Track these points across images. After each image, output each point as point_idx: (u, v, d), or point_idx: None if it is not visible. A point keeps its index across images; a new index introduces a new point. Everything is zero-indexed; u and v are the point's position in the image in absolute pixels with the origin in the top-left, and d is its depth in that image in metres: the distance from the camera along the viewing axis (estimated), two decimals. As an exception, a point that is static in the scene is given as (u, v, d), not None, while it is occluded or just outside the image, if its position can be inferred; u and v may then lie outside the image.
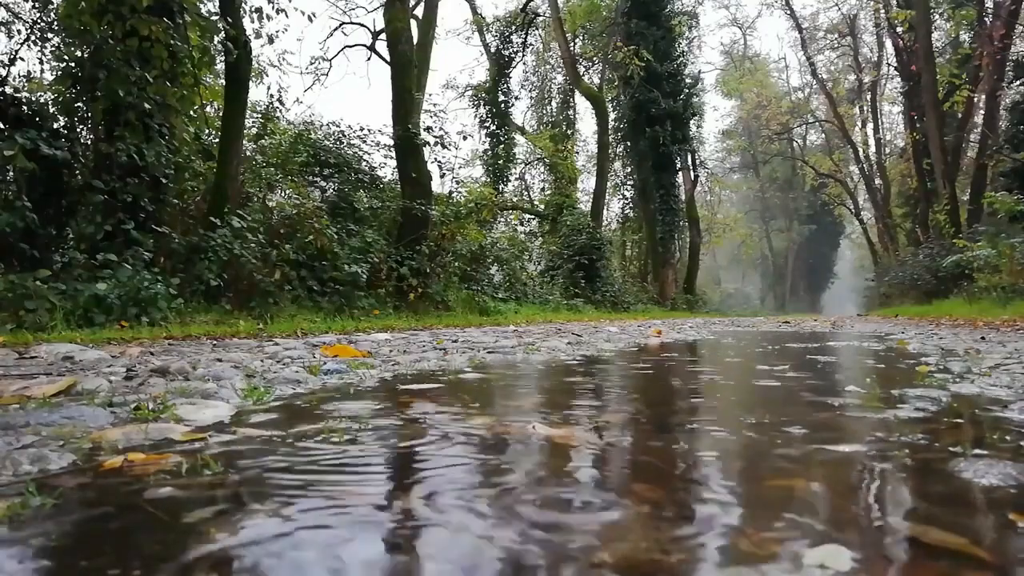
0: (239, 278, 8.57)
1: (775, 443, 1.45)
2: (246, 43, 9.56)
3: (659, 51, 26.13)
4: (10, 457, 1.20)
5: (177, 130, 8.60)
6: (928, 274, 20.41)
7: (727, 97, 45.77)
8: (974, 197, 21.12)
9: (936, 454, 1.33)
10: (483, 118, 27.41)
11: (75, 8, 7.55)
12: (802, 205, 53.25)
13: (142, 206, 7.74)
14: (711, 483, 1.14)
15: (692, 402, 2.25)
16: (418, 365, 3.34)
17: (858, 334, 7.60)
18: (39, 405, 1.79)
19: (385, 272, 11.19)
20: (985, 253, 14.47)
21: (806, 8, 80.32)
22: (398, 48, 13.01)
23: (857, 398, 2.15)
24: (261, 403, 2.03)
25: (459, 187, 18.46)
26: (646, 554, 0.80)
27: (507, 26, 28.14)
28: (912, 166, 27.96)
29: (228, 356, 3.62)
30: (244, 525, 0.90)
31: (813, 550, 0.80)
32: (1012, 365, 3.11)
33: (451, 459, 1.31)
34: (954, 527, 0.89)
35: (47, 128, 7.52)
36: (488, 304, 13.90)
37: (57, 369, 2.87)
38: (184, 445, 1.41)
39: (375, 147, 15.04)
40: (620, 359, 4.10)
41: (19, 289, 5.76)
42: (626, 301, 22.61)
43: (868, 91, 36.15)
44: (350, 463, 1.27)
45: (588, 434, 1.56)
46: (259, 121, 14.30)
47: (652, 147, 26.51)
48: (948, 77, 22.50)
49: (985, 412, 1.86)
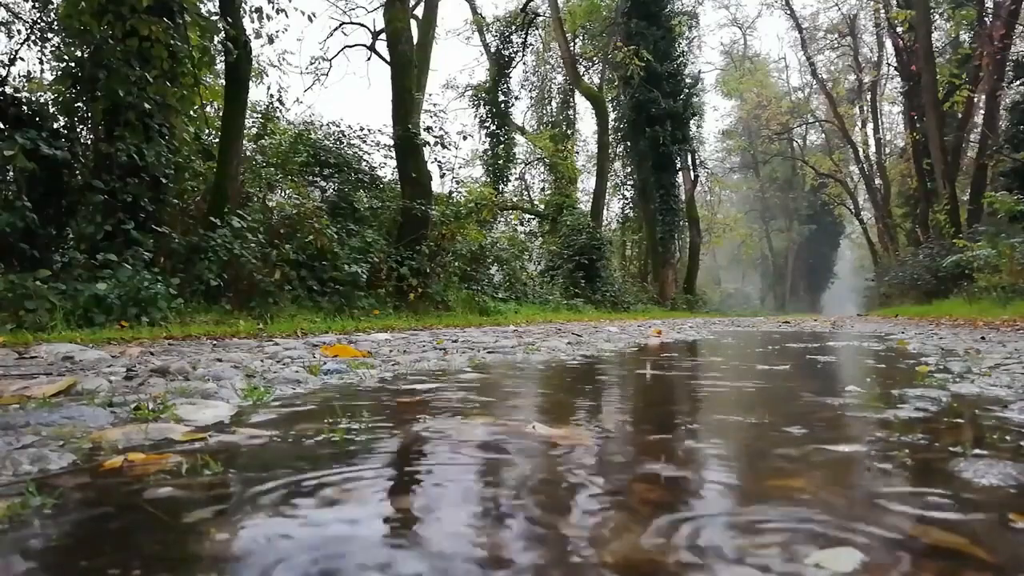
0: (239, 278, 8.57)
1: (775, 443, 1.45)
2: (246, 43, 9.56)
3: (659, 51, 26.13)
4: (10, 457, 1.20)
5: (177, 130, 8.60)
6: (928, 274, 20.41)
7: (727, 97, 45.80)
8: (974, 197, 21.12)
9: (936, 454, 1.33)
10: (483, 118, 27.40)
11: (75, 8, 7.55)
12: (802, 205, 53.22)
13: (142, 206, 7.74)
14: (711, 483, 1.14)
15: (692, 402, 2.25)
16: (418, 365, 3.34)
17: (858, 334, 7.59)
18: (39, 405, 1.79)
19: (385, 272, 11.19)
20: (985, 253, 14.47)
21: (806, 8, 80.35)
22: (398, 48, 13.01)
23: (857, 398, 2.15)
24: (261, 403, 2.03)
25: (459, 187, 18.47)
26: (646, 554, 0.80)
27: (507, 26, 28.13)
28: (912, 166, 27.96)
29: (228, 356, 3.62)
30: (244, 525, 0.90)
31: (813, 550, 0.80)
32: (1012, 365, 3.11)
33: (451, 459, 1.31)
34: (954, 527, 0.89)
35: (47, 128, 7.51)
36: (488, 304, 13.90)
37: (57, 369, 2.87)
38: (184, 445, 1.41)
39: (375, 147, 15.06)
40: (620, 359, 4.10)
41: (19, 289, 5.76)
42: (626, 301, 22.60)
43: (868, 91, 36.15)
44: (350, 463, 1.27)
45: (588, 434, 1.56)
46: (259, 121, 14.29)
47: (652, 147, 26.51)
48: (948, 77, 22.50)
49: (985, 412, 1.86)
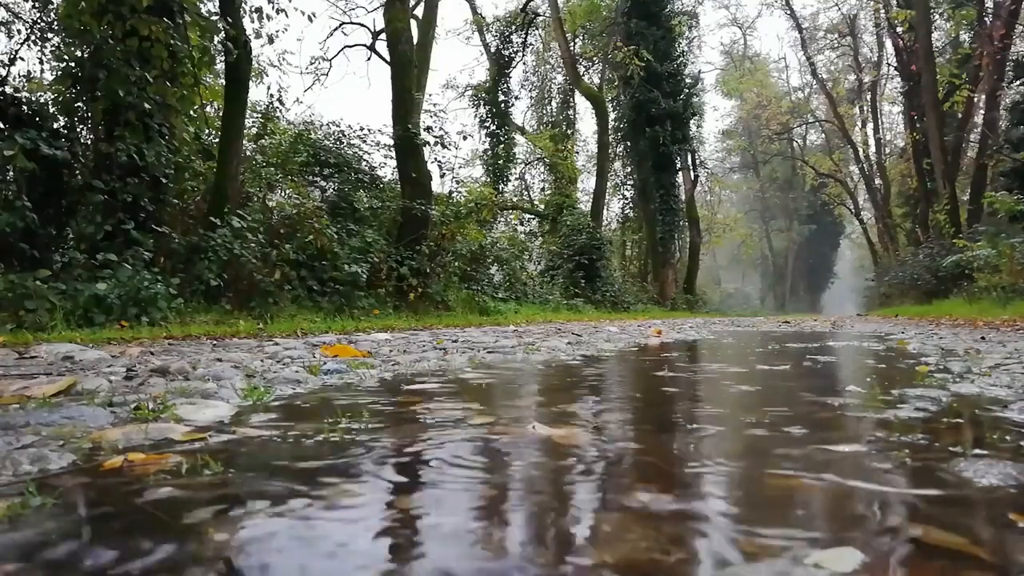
0: (239, 278, 8.57)
1: (775, 443, 1.45)
2: (246, 43, 9.56)
3: (659, 51, 26.13)
4: (10, 457, 1.20)
5: (177, 130, 8.60)
6: (928, 274, 20.41)
7: (727, 97, 45.78)
8: (974, 197, 21.12)
9: (936, 454, 1.33)
10: (483, 118, 27.39)
11: (75, 8, 7.55)
12: (802, 205, 53.21)
13: (142, 206, 7.74)
14: (711, 483, 1.14)
15: (692, 402, 2.25)
16: (418, 365, 3.34)
17: (858, 334, 7.59)
18: (39, 405, 1.79)
19: (385, 272, 11.19)
20: (985, 253, 14.47)
21: (806, 8, 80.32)
22: (398, 48, 13.01)
23: (857, 398, 2.15)
24: (261, 403, 2.03)
25: (459, 187, 18.45)
26: (646, 554, 0.80)
27: (507, 26, 28.12)
28: (912, 166, 27.95)
29: (228, 356, 3.62)
30: (244, 525, 0.90)
31: (813, 550, 0.80)
32: (1012, 365, 3.11)
33: (451, 459, 1.31)
34: (954, 527, 0.89)
35: (47, 128, 7.51)
36: (488, 304, 13.89)
37: (57, 369, 2.87)
38: (184, 445, 1.41)
39: (375, 147, 15.05)
40: (620, 359, 4.10)
41: (19, 289, 5.76)
42: (626, 301, 22.60)
43: (868, 91, 36.14)
44: (350, 463, 1.27)
45: (588, 434, 1.56)
46: (259, 121, 14.28)
47: (652, 147, 26.51)
48: (948, 77, 22.50)
49: (985, 412, 1.86)
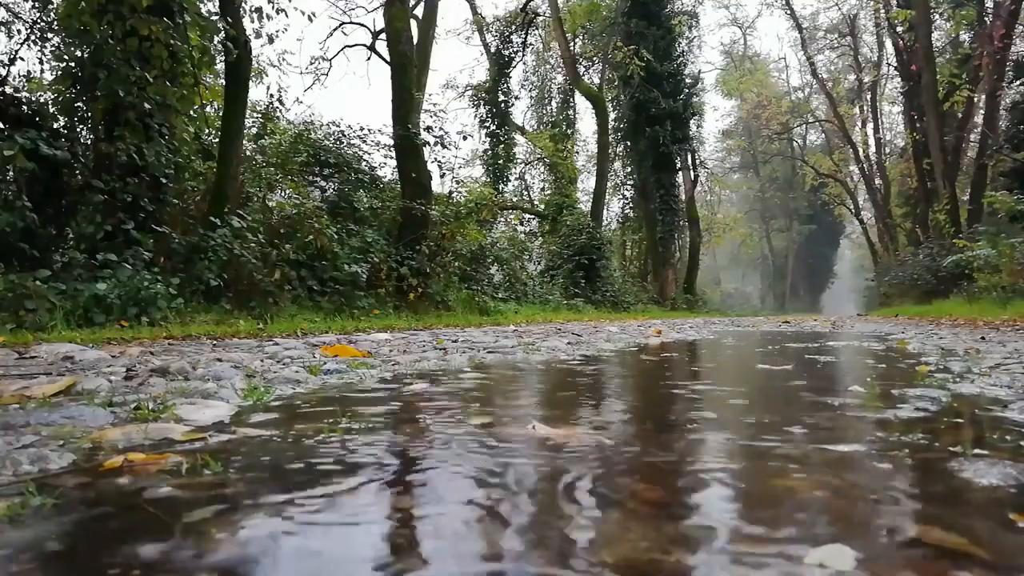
0: (239, 278, 8.56)
1: (775, 443, 1.45)
2: (246, 43, 9.56)
3: (659, 51, 26.14)
4: (10, 457, 1.20)
5: (177, 130, 8.60)
6: (928, 274, 20.41)
7: (727, 97, 45.78)
8: (974, 197, 21.11)
9: (936, 454, 1.33)
10: (483, 118, 27.40)
11: (75, 8, 7.55)
12: (802, 205, 53.20)
13: (142, 206, 7.74)
14: (711, 483, 1.14)
15: (692, 402, 2.25)
16: (418, 365, 3.34)
17: (858, 334, 7.59)
18: (39, 405, 1.79)
19: (385, 272, 11.18)
20: (985, 253, 14.46)
21: (806, 8, 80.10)
22: (398, 48, 13.01)
23: (857, 398, 2.15)
24: (261, 403, 2.03)
25: (459, 187, 18.44)
26: (646, 554, 0.80)
27: (507, 26, 28.12)
28: (912, 166, 27.94)
29: (228, 356, 3.62)
30: (244, 525, 0.90)
31: (814, 550, 0.80)
32: (1012, 365, 3.11)
33: (450, 459, 1.31)
34: (954, 527, 0.89)
35: (47, 128, 7.52)
36: (488, 304, 13.89)
37: (57, 369, 2.87)
38: (184, 445, 1.41)
39: (375, 147, 15.04)
40: (620, 359, 4.10)
41: (19, 289, 5.76)
42: (626, 301, 22.60)
43: (868, 91, 36.14)
44: (349, 463, 1.27)
45: (588, 434, 1.56)
46: (259, 121, 14.28)
47: (652, 147, 26.51)
48: (948, 77, 22.48)
49: (985, 412, 1.86)
